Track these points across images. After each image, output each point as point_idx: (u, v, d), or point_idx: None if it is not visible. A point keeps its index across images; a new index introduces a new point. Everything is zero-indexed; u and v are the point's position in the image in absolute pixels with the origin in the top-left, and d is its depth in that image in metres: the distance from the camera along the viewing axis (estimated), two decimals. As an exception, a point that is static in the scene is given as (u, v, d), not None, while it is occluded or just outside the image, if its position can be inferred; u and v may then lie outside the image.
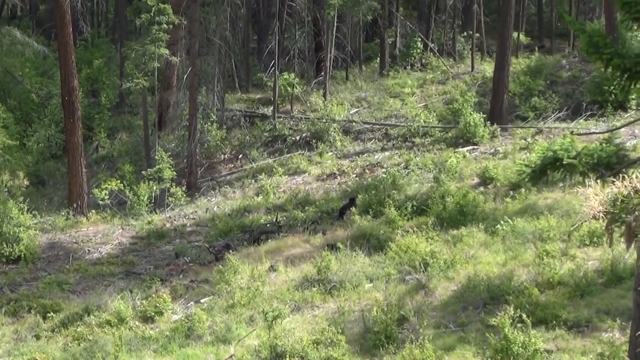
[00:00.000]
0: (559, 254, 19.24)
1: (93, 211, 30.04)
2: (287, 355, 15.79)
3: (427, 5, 48.04)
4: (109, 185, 30.05)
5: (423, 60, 44.08)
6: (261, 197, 30.06)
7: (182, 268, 23.97)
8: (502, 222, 21.72)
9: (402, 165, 30.61)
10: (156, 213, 29.78)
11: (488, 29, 45.49)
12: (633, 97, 30.29)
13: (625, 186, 8.50)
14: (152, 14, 31.23)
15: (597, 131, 27.55)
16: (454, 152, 30.58)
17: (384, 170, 30.13)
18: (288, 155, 34.48)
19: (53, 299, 21.45)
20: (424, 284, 19.03)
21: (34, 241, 26.04)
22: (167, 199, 30.25)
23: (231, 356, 16.08)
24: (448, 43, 46.19)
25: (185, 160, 33.90)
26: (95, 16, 56.14)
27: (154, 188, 30.37)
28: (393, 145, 33.97)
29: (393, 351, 15.83)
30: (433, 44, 45.10)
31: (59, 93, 32.59)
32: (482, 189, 25.97)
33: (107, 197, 29.85)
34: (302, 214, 26.88)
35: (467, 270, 19.61)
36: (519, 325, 14.83)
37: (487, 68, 40.07)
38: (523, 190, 24.13)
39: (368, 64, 46.04)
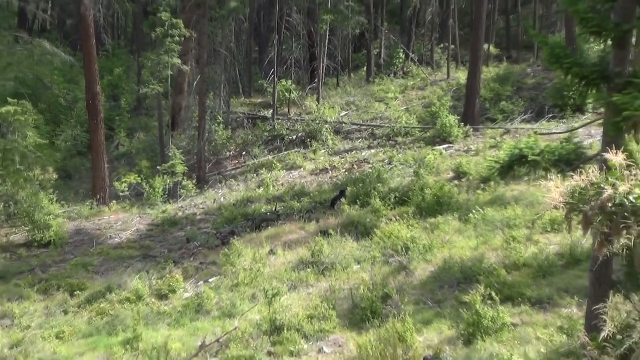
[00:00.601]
0: (524, 239, 19.20)
1: (114, 201, 30.03)
2: (285, 328, 15.76)
3: (408, 20, 48.03)
4: (128, 178, 30.07)
5: (405, 69, 44.10)
6: (262, 189, 30.03)
7: (193, 251, 23.92)
8: (474, 211, 21.68)
9: (386, 161, 30.57)
10: (169, 203, 29.76)
11: (462, 41, 45.52)
12: (589, 101, 30.33)
13: (583, 180, 8.48)
14: (165, 27, 31.20)
15: (558, 131, 27.53)
16: (432, 150, 30.53)
17: (370, 165, 30.12)
18: (285, 152, 34.44)
19: (79, 278, 21.38)
20: (405, 265, 19.00)
21: (62, 228, 25.98)
22: (179, 190, 30.23)
23: (235, 328, 16.04)
24: (427, 53, 46.21)
25: (195, 156, 33.87)
26: (116, 29, 56.00)
27: (168, 181, 30.34)
28: (378, 143, 33.95)
29: (378, 325, 15.79)
30: (413, 54, 45.12)
31: (84, 97, 32.50)
32: (456, 182, 25.93)
33: (126, 189, 29.86)
34: (298, 204, 26.85)
35: (443, 253, 19.57)
36: (488, 302, 14.80)
37: (461, 76, 40.03)
38: (492, 183, 24.09)
39: (356, 72, 46.04)
